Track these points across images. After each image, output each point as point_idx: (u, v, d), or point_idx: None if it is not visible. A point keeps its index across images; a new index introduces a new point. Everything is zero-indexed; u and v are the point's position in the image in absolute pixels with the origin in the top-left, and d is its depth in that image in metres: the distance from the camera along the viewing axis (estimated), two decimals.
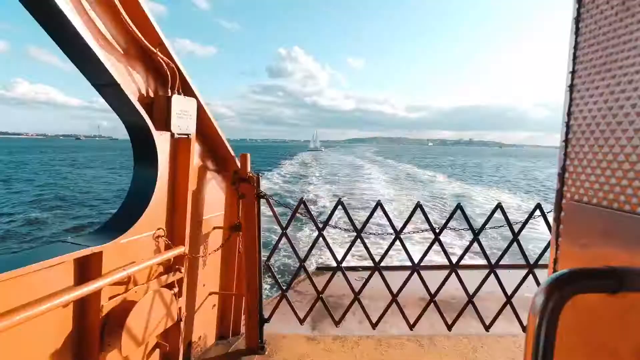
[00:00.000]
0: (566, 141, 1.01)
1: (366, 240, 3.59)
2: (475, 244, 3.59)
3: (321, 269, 6.09)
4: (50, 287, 2.00)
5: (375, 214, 3.56)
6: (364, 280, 3.72)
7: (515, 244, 3.58)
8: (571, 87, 0.99)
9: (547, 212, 3.51)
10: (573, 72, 0.98)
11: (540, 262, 3.58)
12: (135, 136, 2.72)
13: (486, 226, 3.63)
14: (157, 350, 2.89)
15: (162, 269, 2.87)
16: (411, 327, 3.74)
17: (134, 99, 2.48)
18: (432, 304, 3.69)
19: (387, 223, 3.66)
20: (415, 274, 3.63)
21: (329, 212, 3.67)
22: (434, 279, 3.68)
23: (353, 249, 3.66)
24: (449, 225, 3.65)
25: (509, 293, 3.64)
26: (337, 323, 3.76)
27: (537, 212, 3.61)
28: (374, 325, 3.75)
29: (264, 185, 3.79)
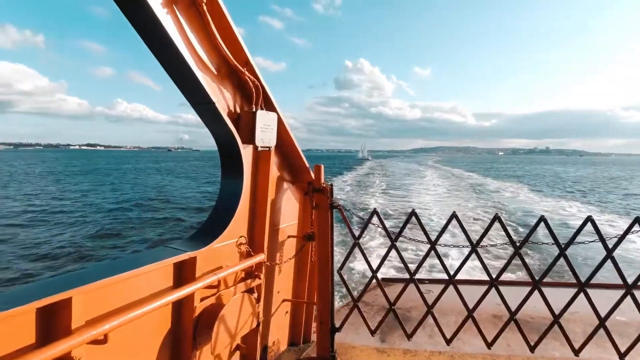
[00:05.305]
0: None
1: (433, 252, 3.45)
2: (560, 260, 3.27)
3: (386, 280, 6.00)
4: (153, 288, 2.23)
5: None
6: (432, 292, 3.58)
7: (610, 261, 3.17)
8: None
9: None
10: None
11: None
12: (224, 149, 2.93)
13: (574, 241, 3.29)
14: (238, 352, 3.04)
15: (243, 274, 3.04)
16: (489, 345, 3.51)
17: (224, 115, 2.69)
18: (511, 322, 3.44)
19: (456, 233, 3.50)
20: (493, 289, 3.42)
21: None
22: (507, 295, 3.41)
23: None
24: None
25: (603, 315, 3.27)
26: (409, 336, 3.66)
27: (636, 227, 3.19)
28: (448, 341, 3.58)
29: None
